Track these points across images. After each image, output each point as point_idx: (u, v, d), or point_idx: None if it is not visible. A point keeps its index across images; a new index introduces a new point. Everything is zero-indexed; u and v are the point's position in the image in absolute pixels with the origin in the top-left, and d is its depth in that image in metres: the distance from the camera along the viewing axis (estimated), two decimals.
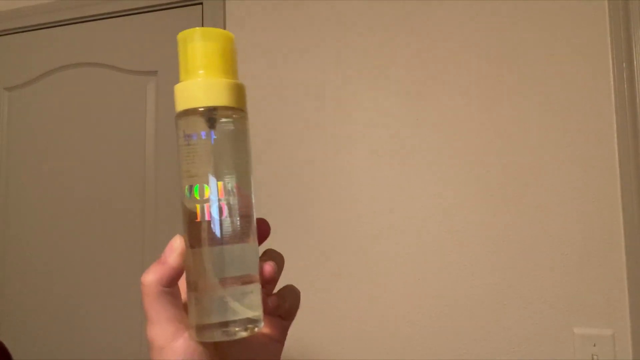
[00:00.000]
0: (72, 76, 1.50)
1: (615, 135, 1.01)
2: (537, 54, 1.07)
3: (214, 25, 1.33)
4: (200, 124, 0.29)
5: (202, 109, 0.29)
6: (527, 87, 1.08)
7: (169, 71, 1.40)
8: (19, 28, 1.56)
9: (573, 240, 1.02)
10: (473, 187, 1.10)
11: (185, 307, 0.30)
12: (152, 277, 0.28)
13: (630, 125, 0.99)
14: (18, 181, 1.53)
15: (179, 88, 0.30)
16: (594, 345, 0.98)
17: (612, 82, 1.02)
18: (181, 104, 0.30)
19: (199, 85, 0.29)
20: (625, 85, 1.00)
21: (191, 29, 0.30)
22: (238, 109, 0.30)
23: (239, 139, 0.31)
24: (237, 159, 0.30)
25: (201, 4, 1.37)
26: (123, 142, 1.43)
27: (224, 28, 1.33)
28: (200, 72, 0.29)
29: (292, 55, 1.26)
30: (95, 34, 1.49)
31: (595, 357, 0.98)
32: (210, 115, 0.29)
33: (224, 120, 0.30)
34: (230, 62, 0.31)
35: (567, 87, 1.05)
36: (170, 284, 0.29)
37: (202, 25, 1.35)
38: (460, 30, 1.13)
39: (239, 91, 0.30)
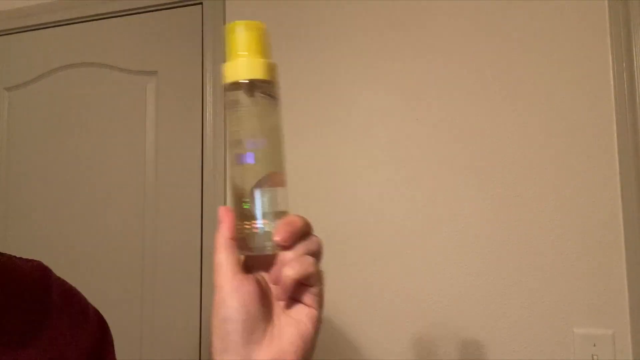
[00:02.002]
0: (72, 76, 1.50)
1: (615, 134, 1.01)
2: (537, 54, 1.07)
3: (214, 25, 1.34)
4: (243, 93, 0.38)
5: (243, 81, 0.37)
6: (527, 87, 1.08)
7: (169, 71, 1.40)
8: (19, 28, 1.56)
9: (573, 240, 1.02)
10: (473, 187, 1.09)
11: (239, 261, 0.37)
12: (218, 233, 0.37)
13: (630, 125, 0.99)
14: (18, 181, 1.53)
15: (227, 66, 0.38)
16: (594, 345, 0.98)
17: (612, 82, 1.02)
18: (228, 78, 0.38)
19: (242, 63, 0.38)
20: (625, 85, 1.00)
21: (234, 22, 0.39)
22: (271, 81, 0.38)
23: (273, 105, 0.38)
24: (271, 121, 0.38)
25: (201, 4, 1.37)
26: (123, 142, 1.43)
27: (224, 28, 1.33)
28: (243, 53, 0.38)
29: (291, 55, 1.26)
30: (95, 34, 1.49)
31: (595, 357, 0.98)
32: (250, 86, 0.37)
33: (260, 89, 0.38)
34: (265, 46, 0.39)
35: (567, 87, 1.05)
36: (229, 234, 0.37)
37: (202, 24, 1.36)
38: (461, 30, 1.13)
39: (271, 68, 0.38)
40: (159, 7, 1.42)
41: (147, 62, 1.43)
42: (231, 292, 0.35)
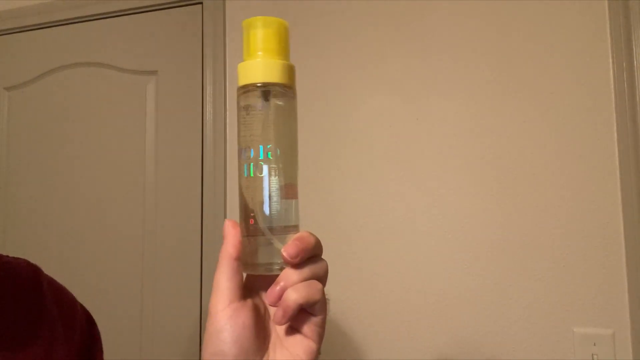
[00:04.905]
0: (72, 76, 1.50)
1: (615, 135, 1.01)
2: (537, 54, 1.07)
3: (214, 25, 1.34)
4: (257, 97, 0.35)
5: (259, 84, 0.34)
6: (527, 87, 1.08)
7: (169, 71, 1.40)
8: (19, 28, 1.56)
9: (573, 240, 1.02)
10: (473, 187, 1.09)
11: (242, 284, 0.34)
12: (222, 251, 0.34)
13: (630, 125, 0.99)
14: (18, 181, 1.53)
15: (241, 66, 0.35)
16: (594, 345, 0.98)
17: (612, 82, 1.02)
18: (242, 80, 0.35)
19: (257, 64, 0.35)
20: (625, 85, 1.00)
21: (253, 18, 0.36)
22: (288, 86, 0.35)
23: (288, 111, 0.36)
24: (285, 128, 0.35)
25: (201, 3, 1.37)
26: (123, 142, 1.43)
27: (224, 28, 1.33)
28: (259, 53, 0.35)
29: (291, 56, 1.25)
30: (95, 34, 1.49)
31: (595, 356, 0.98)
32: (265, 90, 0.35)
33: (276, 94, 0.35)
34: (284, 46, 0.36)
35: (567, 87, 1.05)
36: (234, 253, 0.33)
37: (202, 24, 1.36)
38: (461, 30, 1.13)
39: (289, 70, 0.36)
40: (159, 7, 1.42)
41: (147, 62, 1.43)
42: (225, 323, 0.32)
